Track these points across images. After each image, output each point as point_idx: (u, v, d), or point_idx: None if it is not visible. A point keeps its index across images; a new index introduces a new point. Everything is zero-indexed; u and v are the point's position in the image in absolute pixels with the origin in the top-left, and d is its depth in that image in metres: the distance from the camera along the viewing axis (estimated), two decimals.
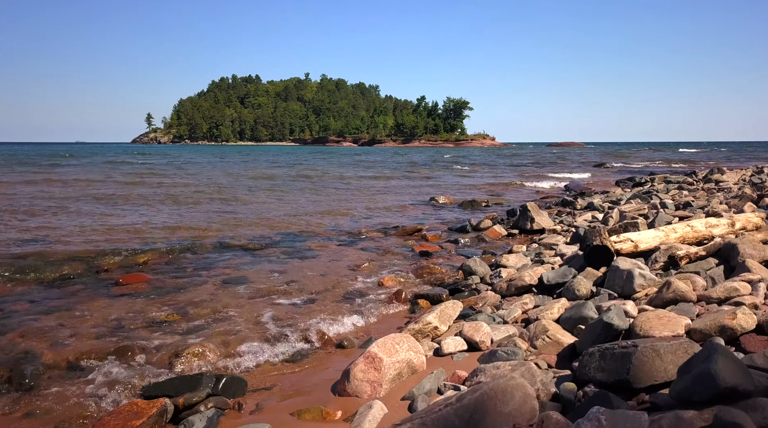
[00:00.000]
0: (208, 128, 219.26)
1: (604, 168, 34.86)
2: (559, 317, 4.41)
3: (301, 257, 8.36)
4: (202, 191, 18.44)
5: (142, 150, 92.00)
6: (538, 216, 10.33)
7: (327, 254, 8.61)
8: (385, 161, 47.93)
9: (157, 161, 45.34)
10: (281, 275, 7.09)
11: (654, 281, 4.97)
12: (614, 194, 14.73)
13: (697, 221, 6.46)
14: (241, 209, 14.22)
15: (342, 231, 10.77)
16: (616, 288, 5.13)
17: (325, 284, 6.63)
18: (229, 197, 17.01)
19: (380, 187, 21.74)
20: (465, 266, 6.78)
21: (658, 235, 6.20)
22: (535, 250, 8.23)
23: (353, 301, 5.85)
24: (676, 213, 9.49)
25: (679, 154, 64.83)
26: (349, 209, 14.17)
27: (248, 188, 20.02)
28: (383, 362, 3.46)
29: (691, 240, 6.31)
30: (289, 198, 16.90)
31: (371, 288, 6.40)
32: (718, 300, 4.25)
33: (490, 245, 9.16)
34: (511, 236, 10.06)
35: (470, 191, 19.84)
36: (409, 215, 13.28)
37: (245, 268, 7.55)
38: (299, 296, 6.04)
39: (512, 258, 7.16)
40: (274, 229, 10.80)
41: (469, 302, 5.52)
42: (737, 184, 15.23)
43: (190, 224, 11.18)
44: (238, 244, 9.28)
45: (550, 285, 5.62)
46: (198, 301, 5.88)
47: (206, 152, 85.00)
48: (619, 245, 6.03)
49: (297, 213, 13.31)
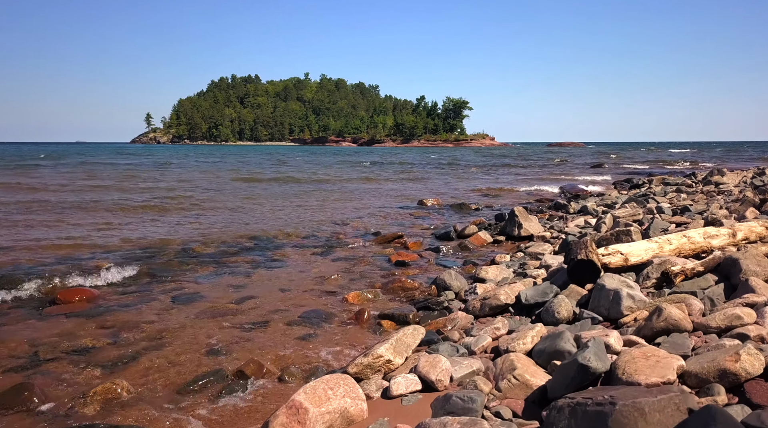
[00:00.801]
0: (207, 127, 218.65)
1: (602, 169, 34.22)
2: (532, 349, 3.79)
3: (269, 267, 7.74)
4: (175, 196, 17.41)
5: (135, 151, 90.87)
6: (526, 222, 9.71)
7: (297, 263, 8.00)
8: (378, 163, 47.33)
9: (139, 161, 44.35)
10: (240, 291, 6.47)
11: (644, 303, 4.35)
12: (609, 197, 14.11)
13: (694, 231, 5.83)
14: (218, 214, 13.58)
15: (320, 237, 10.16)
16: (601, 310, 4.51)
17: (285, 301, 6.01)
18: (205, 200, 16.35)
19: (369, 189, 21.12)
20: (439, 280, 6.15)
21: (651, 247, 5.58)
22: (520, 260, 7.61)
23: (309, 322, 5.22)
24: (673, 219, 8.87)
25: (669, 154, 64.11)
26: (333, 213, 13.55)
27: (229, 192, 19.29)
28: (309, 414, 2.84)
29: (687, 253, 5.69)
30: (271, 202, 16.23)
31: (333, 306, 5.77)
32: (717, 330, 3.63)
33: (473, 254, 8.54)
34: (497, 243, 9.44)
35: (462, 193, 19.21)
36: (395, 219, 12.66)
37: (203, 281, 6.93)
38: (250, 318, 5.42)
39: (492, 271, 6.53)
40: (249, 235, 10.17)
41: (437, 324, 4.90)
42: (738, 186, 14.60)
43: (155, 232, 10.53)
44: (205, 252, 8.67)
45: (529, 305, 5.00)
46: (137, 323, 5.25)
47: (197, 152, 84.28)
48: (607, 258, 5.41)
49: (278, 218, 12.68)
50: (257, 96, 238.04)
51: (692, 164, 37.76)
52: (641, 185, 18.10)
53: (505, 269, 6.69)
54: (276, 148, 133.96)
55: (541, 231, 9.80)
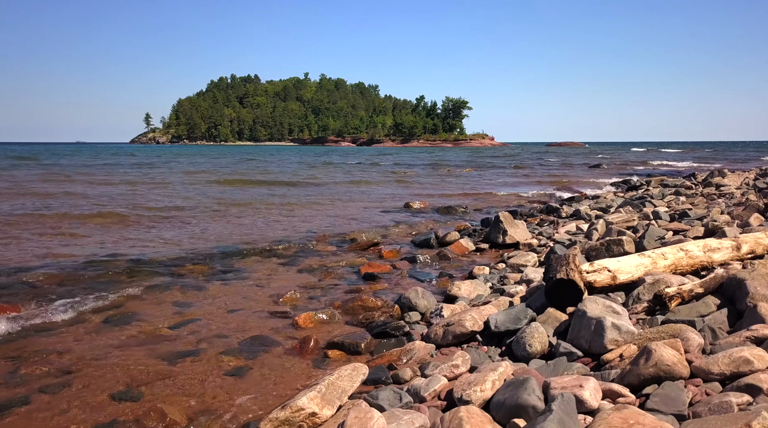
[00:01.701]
0: (206, 128, 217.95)
1: (600, 169, 33.48)
2: (492, 398, 3.07)
3: (225, 280, 7.03)
4: (133, 202, 15.92)
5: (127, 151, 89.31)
6: (512, 228, 8.99)
7: (257, 275, 7.28)
8: (368, 163, 46.66)
9: (117, 162, 42.75)
10: (183, 310, 5.76)
11: (632, 336, 3.64)
12: (605, 200, 13.39)
13: (692, 243, 5.11)
14: (182, 220, 12.82)
15: (291, 245, 9.44)
16: (581, 342, 3.80)
17: (228, 324, 5.29)
18: (170, 206, 15.56)
19: (355, 191, 20.39)
20: (404, 298, 5.43)
21: (643, 263, 4.86)
22: (501, 272, 6.89)
23: (246, 353, 4.51)
24: (671, 226, 8.15)
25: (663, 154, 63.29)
26: (312, 218, 12.85)
27: (199, 195, 18.05)
28: None
29: (685, 269, 4.97)
30: (245, 207, 15.30)
31: (280, 331, 5.06)
32: (720, 377, 2.92)
33: (452, 264, 7.83)
34: (479, 252, 8.72)
35: (452, 196, 18.51)
36: (377, 224, 11.95)
37: (147, 298, 6.22)
38: (183, 346, 4.71)
39: (465, 287, 5.81)
40: (213, 244, 9.46)
41: (391, 356, 4.18)
42: (740, 188, 13.88)
43: (104, 241, 9.78)
44: (158, 262, 7.96)
45: (499, 333, 4.28)
46: (49, 352, 4.54)
47: (184, 152, 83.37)
48: (592, 276, 4.69)
49: (248, 224, 11.94)
50: (256, 96, 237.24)
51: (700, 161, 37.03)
52: (639, 186, 17.38)
53: (481, 285, 5.96)
54: (276, 148, 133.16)
55: (528, 238, 9.08)
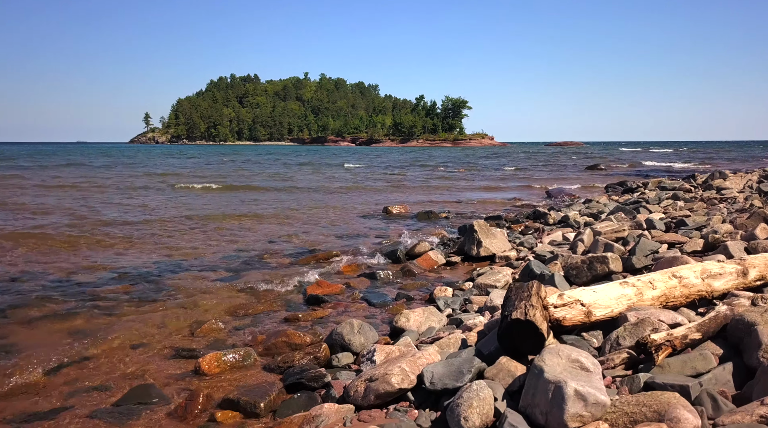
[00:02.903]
0: (206, 127, 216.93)
1: (597, 170, 32.44)
2: None
3: (146, 302, 6.05)
4: (76, 206, 14.87)
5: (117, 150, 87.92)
6: (488, 238, 8.00)
7: (187, 296, 6.28)
8: (355, 164, 45.62)
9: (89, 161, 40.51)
10: (78, 344, 4.76)
11: (602, 410, 2.65)
12: (597, 205, 12.38)
13: (688, 268, 4.12)
14: (131, 229, 11.72)
15: (242, 256, 8.48)
16: (536, 414, 2.81)
17: (120, 366, 4.31)
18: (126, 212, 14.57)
19: (337, 194, 19.36)
20: (335, 335, 4.42)
21: (626, 294, 3.87)
22: (465, 294, 5.89)
23: (124, 413, 3.53)
24: (665, 237, 7.16)
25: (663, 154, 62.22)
26: (278, 225, 11.84)
27: (161, 200, 16.97)
28: None
29: (678, 301, 3.98)
30: (207, 212, 14.12)
31: (175, 379, 4.07)
32: None
33: (416, 282, 6.83)
34: (450, 266, 7.73)
35: (437, 200, 17.51)
36: (348, 231, 10.97)
37: (38, 325, 5.25)
38: (44, 402, 3.74)
39: (416, 317, 4.81)
40: (161, 256, 8.47)
41: (290, 425, 3.19)
42: (743, 192, 12.87)
43: (27, 253, 8.78)
44: (78, 279, 6.98)
45: (437, 391, 3.30)
46: None
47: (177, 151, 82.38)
48: (561, 311, 3.71)
49: (209, 234, 10.88)
50: (256, 96, 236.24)
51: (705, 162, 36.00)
52: (635, 189, 16.37)
53: (435, 314, 4.96)
54: (275, 148, 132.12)
55: (506, 250, 8.08)
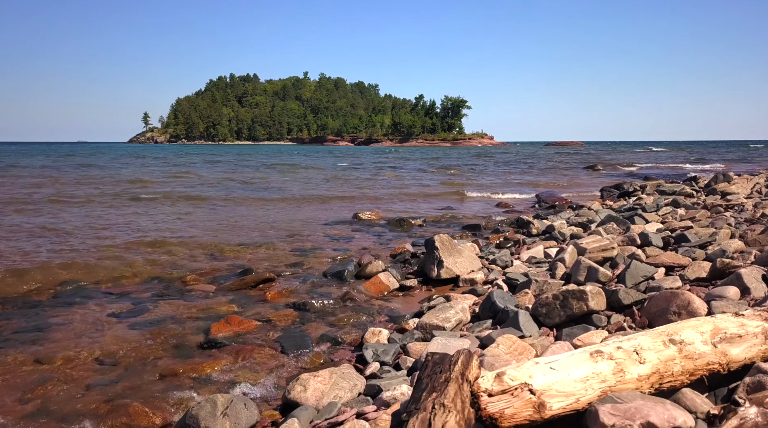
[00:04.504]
0: (205, 127, 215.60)
1: (595, 171, 31.09)
2: None
3: (23, 341, 4.79)
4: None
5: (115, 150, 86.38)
6: (451, 257, 6.70)
7: (67, 335, 5.01)
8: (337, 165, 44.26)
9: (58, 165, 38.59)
10: None
11: None
12: (587, 212, 11.07)
13: (689, 328, 2.82)
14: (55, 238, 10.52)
15: (165, 277, 7.20)
16: None
17: None
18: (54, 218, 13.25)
19: (306, 200, 17.85)
20: (189, 419, 3.12)
21: (599, 373, 2.58)
22: (405, 338, 4.60)
23: None
24: (663, 258, 5.86)
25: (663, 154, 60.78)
26: (226, 234, 10.52)
27: (99, 203, 15.47)
28: None
29: (677, 380, 2.69)
30: (146, 220, 13.00)
31: None
32: None
33: (353, 315, 5.53)
34: (403, 291, 6.43)
35: (416, 203, 16.20)
36: (306, 243, 9.64)
37: None
38: None
39: (316, 384, 3.49)
40: (62, 275, 7.18)
41: None
42: (750, 197, 11.56)
43: None
44: None
45: None
46: None
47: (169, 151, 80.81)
48: (498, 402, 2.44)
49: (124, 246, 9.28)
50: (255, 95, 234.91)
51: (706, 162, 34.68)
52: (632, 193, 15.05)
53: (348, 377, 3.65)
54: (274, 148, 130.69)
55: (473, 270, 6.77)
